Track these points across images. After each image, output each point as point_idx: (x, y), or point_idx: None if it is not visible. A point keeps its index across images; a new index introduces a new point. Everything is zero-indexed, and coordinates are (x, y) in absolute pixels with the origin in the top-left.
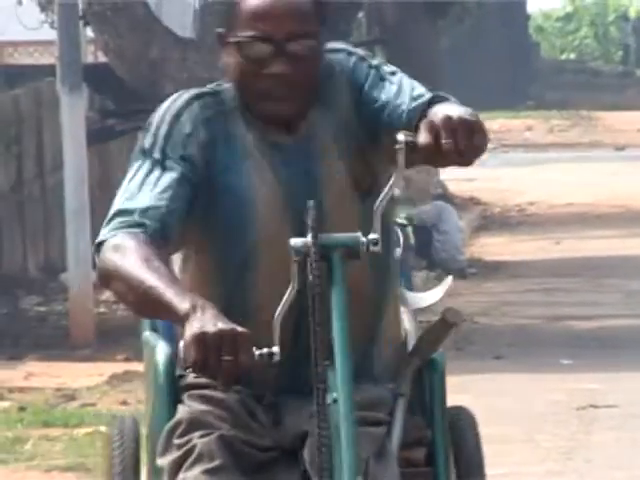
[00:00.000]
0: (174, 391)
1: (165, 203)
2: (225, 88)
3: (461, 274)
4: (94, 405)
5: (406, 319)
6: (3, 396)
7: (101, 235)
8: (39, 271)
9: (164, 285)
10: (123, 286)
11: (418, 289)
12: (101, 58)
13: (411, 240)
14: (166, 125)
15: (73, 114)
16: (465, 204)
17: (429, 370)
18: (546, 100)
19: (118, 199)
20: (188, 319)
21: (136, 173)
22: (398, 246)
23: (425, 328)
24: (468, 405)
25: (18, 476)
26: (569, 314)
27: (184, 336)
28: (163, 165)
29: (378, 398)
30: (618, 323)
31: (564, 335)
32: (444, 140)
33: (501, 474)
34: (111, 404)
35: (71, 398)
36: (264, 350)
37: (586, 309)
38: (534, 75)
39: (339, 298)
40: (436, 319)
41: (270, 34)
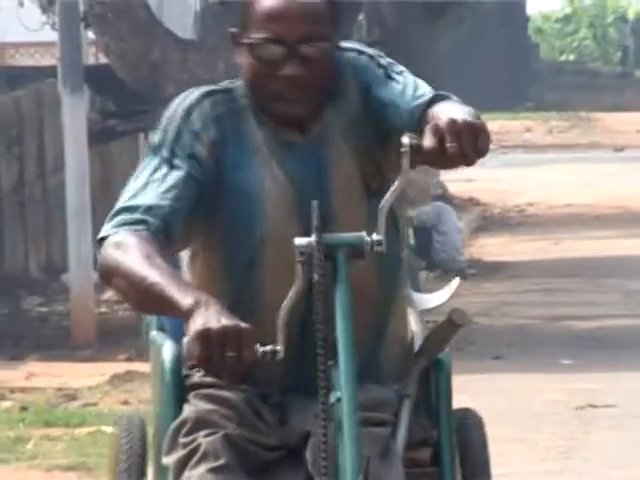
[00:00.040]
0: (180, 390)
1: (168, 203)
2: (238, 86)
3: (461, 274)
4: (95, 405)
5: (412, 320)
6: (5, 396)
7: (103, 231)
8: (40, 271)
9: (167, 281)
10: (125, 283)
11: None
12: (102, 59)
13: (411, 241)
14: (176, 122)
15: (74, 115)
16: (465, 205)
17: (435, 370)
18: (545, 101)
19: (124, 195)
20: (192, 315)
21: (144, 170)
22: (408, 247)
23: (431, 328)
24: (467, 405)
25: (20, 475)
26: (568, 314)
27: (188, 332)
28: (171, 163)
29: (383, 398)
30: (617, 323)
31: (563, 335)
32: (449, 144)
33: (501, 474)
34: (112, 404)
35: (72, 398)
36: (268, 347)
37: (585, 309)
38: (533, 76)
39: (343, 297)
40: (442, 319)
41: (283, 36)
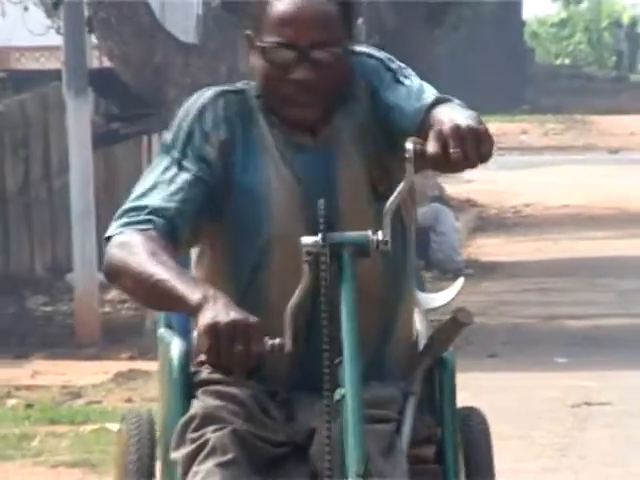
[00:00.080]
0: (188, 386)
1: (175, 205)
2: (251, 87)
3: (458, 274)
4: (99, 402)
5: (417, 319)
6: (10, 394)
7: (109, 230)
8: (45, 271)
9: (174, 277)
10: (131, 281)
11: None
12: (106, 63)
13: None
14: (189, 121)
15: (79, 118)
16: (462, 206)
17: (439, 369)
18: (541, 104)
19: (132, 195)
20: (201, 309)
21: (154, 169)
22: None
23: (436, 327)
24: (465, 402)
25: (25, 472)
26: (563, 313)
27: (197, 326)
28: (180, 164)
29: (388, 396)
30: (611, 322)
31: (559, 334)
32: (452, 150)
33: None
34: (116, 402)
35: (77, 396)
36: (276, 340)
37: (580, 308)
38: (529, 80)
39: (349, 296)
40: (447, 318)
41: (295, 40)
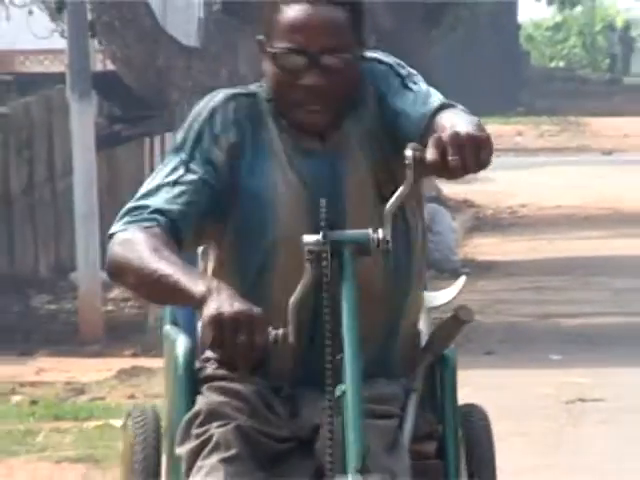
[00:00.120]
0: (193, 383)
1: (178, 207)
2: (262, 90)
3: (454, 274)
4: (103, 399)
5: (420, 317)
6: (15, 390)
7: (112, 229)
8: (50, 271)
9: (177, 271)
10: (134, 277)
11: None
12: (109, 66)
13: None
14: (200, 122)
15: (82, 120)
16: (459, 206)
17: (441, 366)
18: (536, 106)
19: (137, 193)
20: (205, 301)
21: (162, 169)
22: (423, 247)
23: (437, 325)
24: (464, 398)
25: (30, 467)
26: (558, 311)
27: (201, 318)
28: (187, 166)
29: (391, 393)
30: (606, 320)
31: (554, 332)
32: (451, 157)
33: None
34: (119, 398)
35: (80, 392)
36: (279, 331)
37: (574, 307)
38: (524, 82)
39: (350, 293)
40: (448, 316)
41: (305, 47)
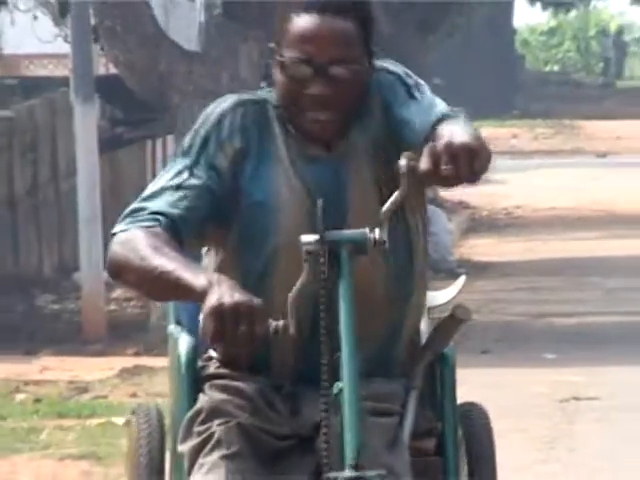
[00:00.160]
0: (195, 381)
1: (179, 212)
2: (271, 97)
3: (451, 274)
4: (105, 397)
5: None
6: (19, 389)
7: (114, 229)
8: (53, 271)
9: (177, 267)
10: (136, 276)
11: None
12: (112, 70)
13: None
14: (207, 127)
15: (86, 123)
16: (455, 208)
17: (440, 364)
18: (531, 110)
19: (141, 195)
20: (207, 294)
21: (168, 171)
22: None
23: (436, 324)
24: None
25: (34, 464)
26: (553, 311)
27: (203, 309)
28: (192, 171)
29: (391, 391)
30: (599, 319)
31: (548, 331)
32: (444, 166)
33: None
34: (122, 396)
35: (84, 390)
36: (280, 322)
37: (569, 306)
38: (519, 86)
39: (347, 293)
40: (446, 315)
41: (313, 57)
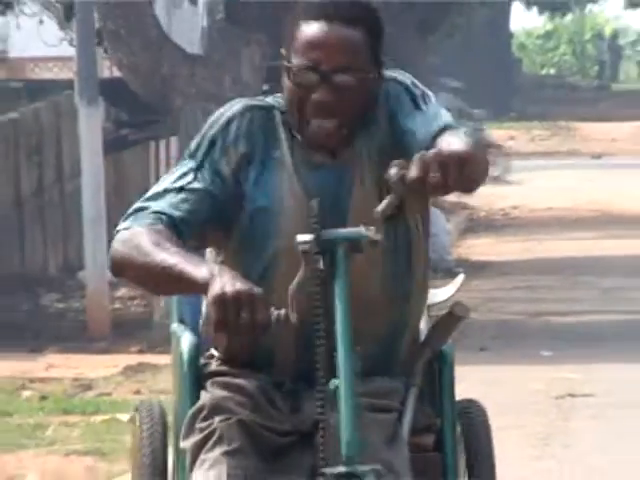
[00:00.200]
0: (197, 379)
1: (180, 214)
2: (280, 103)
3: (449, 273)
4: (109, 394)
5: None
6: (25, 386)
7: (118, 227)
8: (58, 270)
9: (179, 261)
10: (139, 272)
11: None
12: (116, 73)
13: None
14: (214, 131)
15: (90, 125)
16: (453, 208)
17: (439, 361)
18: (528, 112)
19: (145, 195)
20: (209, 285)
21: (173, 172)
22: (425, 249)
23: (435, 321)
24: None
25: (39, 460)
26: (549, 309)
27: (206, 300)
28: (196, 174)
29: (390, 387)
30: (594, 318)
31: (545, 329)
32: (432, 174)
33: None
34: (125, 393)
35: (88, 388)
36: (281, 311)
37: (565, 305)
38: (517, 89)
39: (342, 291)
40: (444, 312)
41: (318, 64)
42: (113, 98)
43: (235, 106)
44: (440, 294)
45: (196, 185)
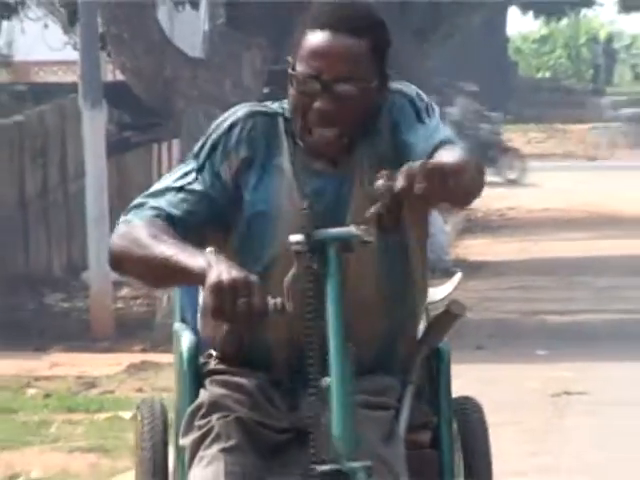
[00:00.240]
0: (197, 377)
1: (179, 213)
2: (284, 110)
3: (446, 273)
4: (113, 392)
5: None
6: (30, 384)
7: (118, 221)
8: (63, 270)
9: (176, 252)
10: (137, 265)
11: None
12: (119, 76)
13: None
14: (218, 133)
15: (94, 127)
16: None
17: (436, 359)
18: (524, 115)
19: (146, 191)
20: (206, 274)
21: (176, 172)
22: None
23: (431, 319)
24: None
25: (44, 457)
26: (544, 309)
27: (204, 288)
28: (196, 176)
29: (387, 385)
30: (589, 317)
31: (540, 328)
32: (417, 185)
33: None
34: (128, 391)
35: (92, 386)
36: (278, 299)
37: (560, 304)
38: (513, 92)
39: (334, 291)
40: (441, 310)
41: (320, 73)
42: (116, 101)
43: (240, 111)
44: (437, 292)
45: (196, 186)
